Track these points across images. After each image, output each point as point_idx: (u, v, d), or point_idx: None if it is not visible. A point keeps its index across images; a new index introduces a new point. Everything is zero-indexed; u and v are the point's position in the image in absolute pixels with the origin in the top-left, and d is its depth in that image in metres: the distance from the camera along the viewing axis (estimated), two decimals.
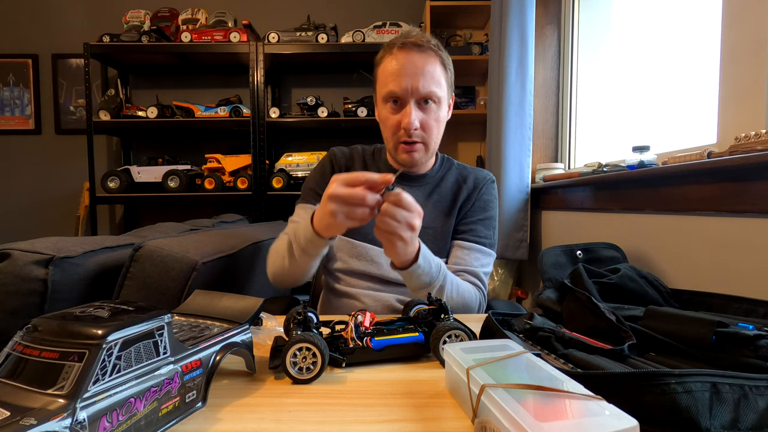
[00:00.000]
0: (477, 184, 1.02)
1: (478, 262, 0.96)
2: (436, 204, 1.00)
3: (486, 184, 1.03)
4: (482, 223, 0.99)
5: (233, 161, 2.50)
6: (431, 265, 0.81)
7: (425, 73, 0.89)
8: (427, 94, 0.89)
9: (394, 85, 0.90)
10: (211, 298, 0.57)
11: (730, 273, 0.86)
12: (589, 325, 0.58)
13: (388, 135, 0.95)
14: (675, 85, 1.38)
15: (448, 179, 1.03)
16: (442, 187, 1.02)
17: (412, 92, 0.89)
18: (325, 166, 1.04)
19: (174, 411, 0.40)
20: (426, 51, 0.90)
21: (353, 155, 1.05)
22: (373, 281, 0.97)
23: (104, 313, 0.37)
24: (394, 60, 0.91)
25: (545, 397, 0.35)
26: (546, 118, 1.99)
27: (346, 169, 1.03)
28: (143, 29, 2.44)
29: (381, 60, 0.94)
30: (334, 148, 1.07)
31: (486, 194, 1.02)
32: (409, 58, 0.89)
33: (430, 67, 0.90)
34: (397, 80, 0.89)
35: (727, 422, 0.36)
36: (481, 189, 1.02)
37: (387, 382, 0.51)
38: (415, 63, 0.89)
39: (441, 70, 0.92)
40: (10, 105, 2.78)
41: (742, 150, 0.80)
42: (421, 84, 0.89)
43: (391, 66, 0.91)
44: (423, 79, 0.89)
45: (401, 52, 0.90)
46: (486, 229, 0.99)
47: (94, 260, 0.85)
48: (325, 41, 2.43)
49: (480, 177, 1.04)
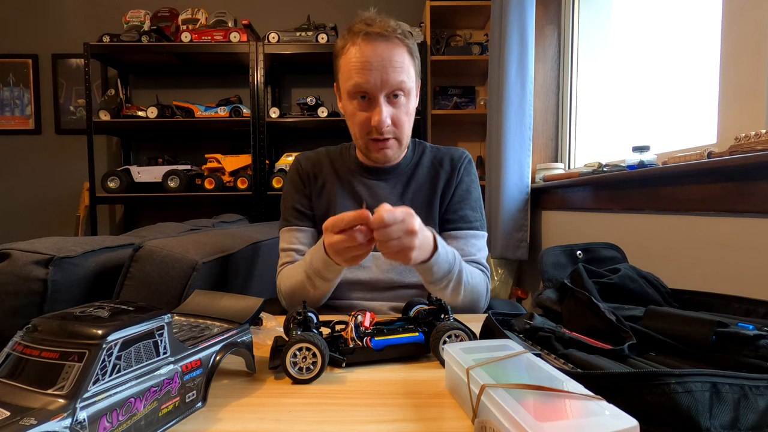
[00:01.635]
0: (454, 166, 0.98)
1: (475, 248, 0.94)
2: (416, 194, 0.96)
3: (463, 164, 0.99)
4: (468, 206, 0.96)
5: (233, 161, 2.50)
6: (447, 250, 0.80)
7: (393, 64, 0.83)
8: (398, 86, 0.84)
9: (360, 79, 0.83)
10: (211, 298, 0.57)
11: (730, 273, 0.86)
12: (589, 325, 0.58)
13: (356, 132, 0.90)
14: (675, 85, 1.38)
15: (423, 165, 0.98)
16: (418, 175, 0.97)
17: (382, 86, 0.83)
18: (293, 180, 1.00)
19: (174, 411, 0.40)
20: (392, 40, 0.84)
21: (319, 159, 1.01)
22: (364, 290, 0.94)
23: (104, 313, 0.37)
24: (358, 51, 0.83)
25: (545, 397, 0.35)
26: (546, 118, 1.99)
27: (313, 175, 0.98)
28: (143, 29, 2.44)
29: (343, 50, 0.87)
30: (299, 155, 1.02)
31: (465, 175, 0.98)
32: (374, 49, 0.82)
33: (398, 58, 0.84)
34: (364, 73, 0.83)
35: (727, 422, 0.36)
36: (460, 171, 0.98)
37: (387, 382, 0.51)
38: (382, 54, 0.83)
39: (409, 60, 0.86)
40: (10, 105, 2.78)
41: (742, 150, 0.80)
42: (391, 77, 0.83)
43: (355, 57, 0.84)
44: (392, 70, 0.83)
45: (366, 43, 0.83)
46: (473, 211, 0.97)
47: (94, 260, 0.85)
48: (325, 41, 2.43)
49: (456, 157, 0.99)
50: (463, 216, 0.96)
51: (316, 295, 0.85)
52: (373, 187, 0.95)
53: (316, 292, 0.85)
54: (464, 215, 0.96)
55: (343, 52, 0.87)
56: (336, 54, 0.90)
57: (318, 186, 0.98)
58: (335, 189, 0.96)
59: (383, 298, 0.94)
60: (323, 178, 0.99)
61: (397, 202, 0.95)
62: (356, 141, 0.93)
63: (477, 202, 0.99)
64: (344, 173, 0.99)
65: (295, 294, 0.87)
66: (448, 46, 2.50)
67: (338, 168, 1.00)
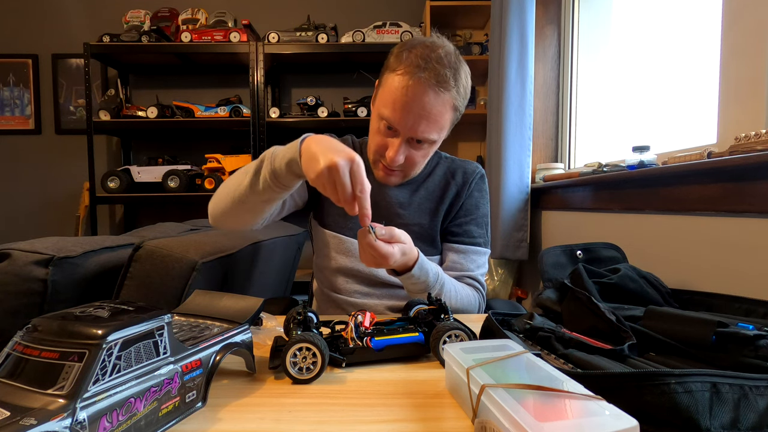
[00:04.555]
0: (466, 179, 0.98)
1: (474, 264, 0.95)
2: (423, 201, 0.96)
3: (475, 179, 0.99)
4: (474, 222, 0.97)
5: (233, 161, 2.50)
6: (428, 274, 0.81)
7: (430, 118, 0.80)
8: (424, 139, 0.83)
9: (392, 116, 0.81)
10: (211, 298, 0.57)
11: (730, 273, 0.86)
12: (589, 325, 0.58)
13: (372, 147, 0.89)
14: (675, 85, 1.38)
15: (435, 174, 0.98)
16: (428, 183, 0.97)
17: (409, 131, 0.81)
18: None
19: (174, 411, 0.40)
20: (440, 94, 0.79)
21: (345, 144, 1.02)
22: (361, 282, 0.94)
23: (104, 313, 0.37)
24: (404, 88, 0.79)
25: (545, 397, 0.35)
26: (546, 118, 1.99)
27: None
28: (143, 29, 2.44)
29: (394, 71, 0.81)
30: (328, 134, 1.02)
31: (476, 191, 0.99)
32: (420, 95, 0.78)
33: (437, 111, 0.80)
34: (399, 113, 0.80)
35: (727, 422, 0.36)
36: (471, 185, 0.98)
37: (387, 382, 0.51)
38: (425, 104, 0.79)
39: (449, 115, 0.84)
40: (10, 105, 2.78)
41: (742, 150, 0.80)
42: (421, 129, 0.81)
43: (399, 91, 0.79)
44: (426, 124, 0.80)
45: (416, 83, 0.78)
46: (479, 227, 0.97)
47: (94, 260, 0.85)
48: (325, 41, 2.43)
49: (469, 171, 0.99)
50: (468, 231, 0.96)
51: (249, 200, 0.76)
52: (383, 187, 0.95)
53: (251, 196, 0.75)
54: (469, 230, 0.96)
55: (393, 73, 0.81)
56: (387, 65, 0.85)
57: None
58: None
59: (379, 296, 0.94)
60: None
61: (404, 204, 0.96)
62: (369, 153, 0.93)
63: (484, 218, 0.99)
64: None
65: (225, 192, 0.80)
66: None
67: None
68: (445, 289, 0.84)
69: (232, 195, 0.78)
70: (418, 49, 0.80)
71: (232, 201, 0.79)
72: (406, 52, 0.81)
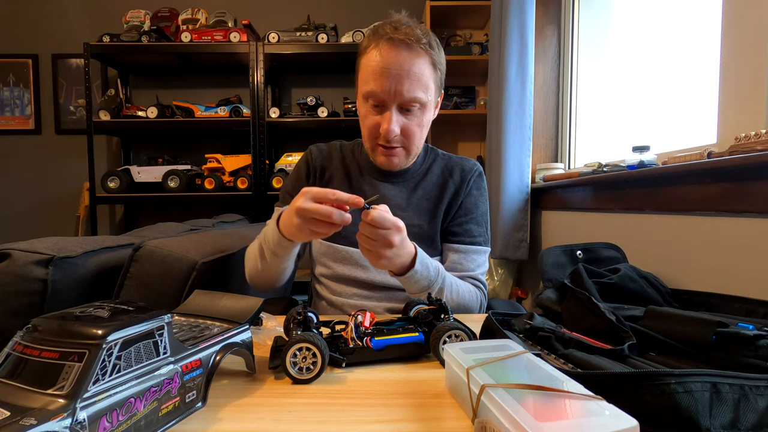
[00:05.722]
0: (464, 177, 0.97)
1: (474, 263, 0.95)
2: (421, 201, 0.95)
3: (473, 177, 0.98)
4: (474, 221, 0.96)
5: (233, 161, 2.50)
6: (429, 269, 0.80)
7: (411, 75, 0.81)
8: (411, 99, 0.82)
9: (375, 86, 0.82)
10: (211, 298, 0.57)
11: (730, 273, 0.86)
12: (589, 325, 0.58)
13: (366, 134, 0.90)
14: (675, 85, 1.38)
15: (433, 172, 0.98)
16: (426, 182, 0.97)
17: (395, 96, 0.82)
18: (301, 168, 0.99)
19: (174, 411, 0.40)
20: (414, 49, 0.81)
21: (331, 153, 1.00)
22: (360, 287, 0.94)
23: (104, 313, 0.37)
24: (378, 55, 0.82)
25: (545, 397, 0.35)
26: (546, 118, 1.99)
27: (321, 168, 0.98)
28: (143, 29, 2.44)
29: (365, 50, 0.86)
30: (312, 146, 1.02)
31: (475, 189, 0.98)
32: (395, 57, 0.81)
33: (417, 69, 0.82)
34: (380, 80, 0.81)
35: (727, 422, 0.36)
36: (469, 183, 0.97)
37: (387, 382, 0.51)
38: (401, 63, 0.81)
39: (430, 72, 0.84)
40: (10, 105, 2.78)
41: (742, 150, 0.80)
42: (406, 89, 0.81)
43: (374, 61, 0.82)
44: (408, 82, 0.81)
45: (387, 48, 0.81)
46: (479, 226, 0.97)
47: (94, 260, 0.85)
48: (325, 41, 2.43)
49: (467, 169, 0.98)
50: (468, 230, 0.96)
51: (267, 269, 0.86)
52: (380, 189, 0.95)
53: (266, 267, 0.86)
54: (468, 229, 0.96)
55: (365, 53, 0.86)
56: (359, 52, 0.89)
57: (324, 180, 0.98)
58: (342, 186, 0.96)
59: (378, 298, 0.94)
60: (331, 173, 0.99)
61: (402, 206, 0.95)
62: (365, 143, 0.93)
63: (483, 216, 0.99)
64: (353, 171, 0.99)
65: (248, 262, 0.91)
66: (448, 46, 2.50)
67: (348, 165, 1.00)
68: (447, 282, 0.84)
69: (256, 268, 0.88)
70: (385, 25, 0.86)
71: (258, 273, 0.89)
72: (372, 32, 0.87)
